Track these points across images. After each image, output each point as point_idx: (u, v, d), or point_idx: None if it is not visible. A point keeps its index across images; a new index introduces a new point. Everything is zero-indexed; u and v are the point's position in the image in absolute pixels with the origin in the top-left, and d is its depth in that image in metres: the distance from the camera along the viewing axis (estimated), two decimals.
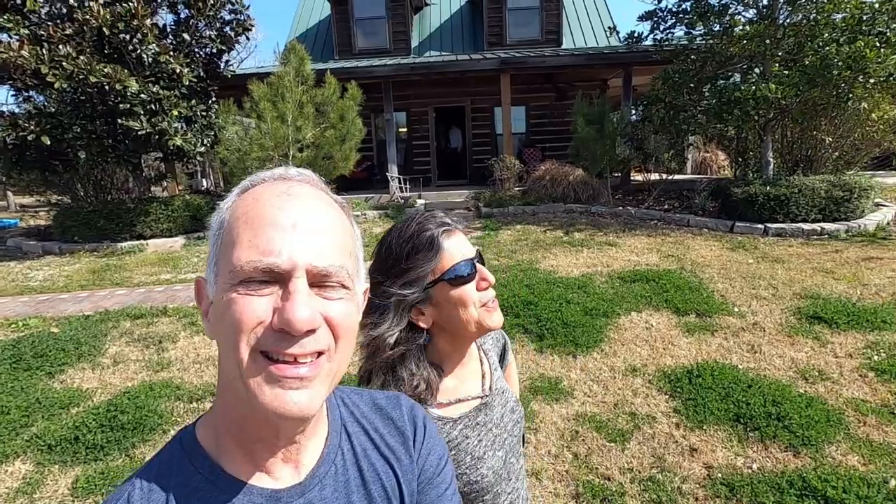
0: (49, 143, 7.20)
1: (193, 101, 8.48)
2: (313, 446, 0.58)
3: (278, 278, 0.48)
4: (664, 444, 2.58)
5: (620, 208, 8.82)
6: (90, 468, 2.64)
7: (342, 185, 10.69)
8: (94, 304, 5.39)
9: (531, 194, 9.87)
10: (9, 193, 20.81)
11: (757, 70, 8.03)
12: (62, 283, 6.39)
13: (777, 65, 7.53)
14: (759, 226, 6.96)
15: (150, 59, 7.66)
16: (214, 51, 9.14)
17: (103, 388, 3.47)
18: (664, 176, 10.09)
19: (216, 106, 9.03)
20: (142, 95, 7.40)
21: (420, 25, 14.23)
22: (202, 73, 8.82)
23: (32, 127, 7.12)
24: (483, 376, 1.03)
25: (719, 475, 2.34)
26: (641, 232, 7.32)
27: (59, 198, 9.35)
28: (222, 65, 9.45)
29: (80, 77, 6.89)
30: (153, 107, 7.64)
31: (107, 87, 7.10)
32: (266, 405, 0.47)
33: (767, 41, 7.32)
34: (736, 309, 4.23)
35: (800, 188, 6.98)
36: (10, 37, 7.10)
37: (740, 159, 9.39)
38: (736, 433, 2.62)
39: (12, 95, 8.02)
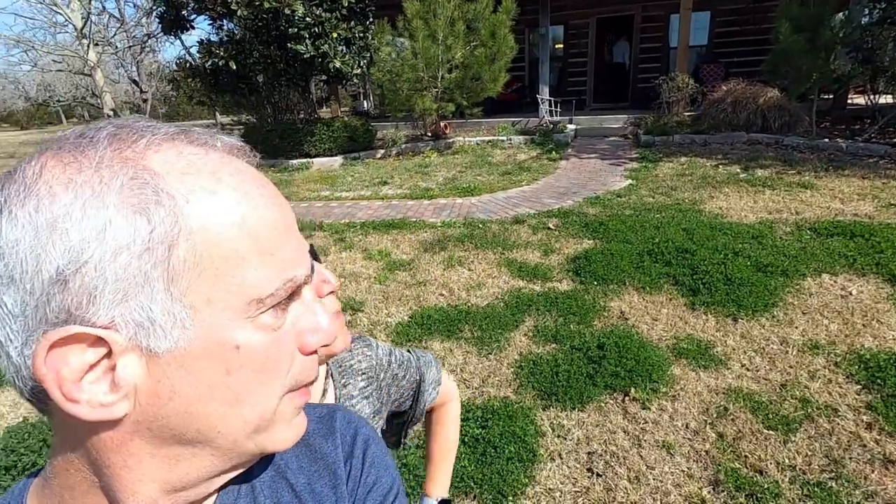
0: (235, 67, 8.12)
1: (352, 23, 8.71)
2: None
3: (292, 294, 0.39)
4: (845, 446, 2.08)
5: (826, 140, 7.07)
6: None
7: (489, 107, 10.35)
8: None
9: (704, 121, 8.42)
10: (216, 113, 24.71)
11: None
12: None
13: None
14: None
15: None
16: None
17: None
18: None
19: (372, 27, 9.17)
20: (307, 19, 7.81)
21: None
22: None
23: (222, 53, 8.06)
24: None
25: None
26: (852, 172, 5.81)
27: (248, 117, 10.70)
28: None
29: (257, 3, 7.46)
30: (316, 30, 8.03)
31: (279, 12, 7.62)
32: (290, 441, 0.41)
33: None
34: None
35: None
36: None
37: None
38: None
39: (209, 24, 9.11)
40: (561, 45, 12.59)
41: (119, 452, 0.35)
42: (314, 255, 0.65)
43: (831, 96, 9.05)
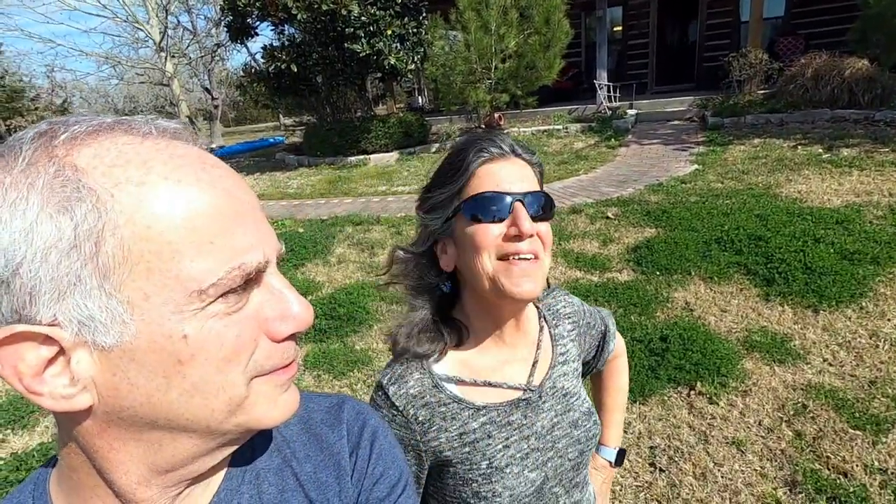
0: (296, 69, 8.46)
1: (406, 19, 8.81)
2: (200, 497, 0.43)
3: (249, 281, 0.37)
4: None
5: None
6: (316, 347, 3.23)
7: (544, 96, 10.13)
8: (328, 210, 6.40)
9: (780, 98, 7.79)
10: (280, 115, 25.92)
11: None
12: (308, 191, 7.75)
13: None
14: None
15: None
16: None
17: (329, 282, 4.15)
18: None
19: (426, 22, 9.23)
20: (362, 18, 7.99)
21: None
22: None
23: (284, 57, 8.43)
24: (535, 364, 0.78)
25: None
26: None
27: (309, 118, 11.12)
28: None
29: (315, 6, 7.73)
30: (371, 28, 8.20)
31: (335, 14, 7.86)
32: (277, 419, 0.40)
33: None
34: None
35: None
36: None
37: None
38: None
39: (271, 30, 9.55)
40: (619, 28, 12.09)
41: (102, 437, 0.36)
42: (541, 203, 0.70)
43: None
